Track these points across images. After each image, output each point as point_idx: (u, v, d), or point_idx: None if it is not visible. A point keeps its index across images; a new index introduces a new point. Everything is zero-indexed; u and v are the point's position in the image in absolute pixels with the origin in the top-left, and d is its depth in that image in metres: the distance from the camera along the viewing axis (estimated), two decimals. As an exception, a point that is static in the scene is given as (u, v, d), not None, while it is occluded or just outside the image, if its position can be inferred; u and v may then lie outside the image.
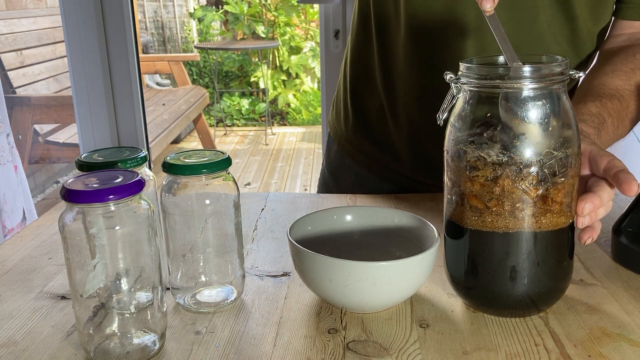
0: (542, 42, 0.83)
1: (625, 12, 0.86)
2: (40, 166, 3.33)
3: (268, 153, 4.65)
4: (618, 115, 0.77)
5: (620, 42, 0.88)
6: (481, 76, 0.55)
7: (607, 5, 0.85)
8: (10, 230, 1.71)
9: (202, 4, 6.02)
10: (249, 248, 0.78)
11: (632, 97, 0.80)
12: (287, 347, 0.56)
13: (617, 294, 0.64)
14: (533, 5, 0.82)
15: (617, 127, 0.77)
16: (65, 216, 0.51)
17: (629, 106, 0.79)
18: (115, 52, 1.98)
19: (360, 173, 1.03)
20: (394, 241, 0.68)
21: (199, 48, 5.47)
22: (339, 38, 2.13)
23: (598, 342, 0.56)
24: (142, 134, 2.07)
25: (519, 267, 0.57)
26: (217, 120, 5.31)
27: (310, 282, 0.61)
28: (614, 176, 0.59)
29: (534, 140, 0.54)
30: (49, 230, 0.85)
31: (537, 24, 0.83)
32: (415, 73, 0.89)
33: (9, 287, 0.69)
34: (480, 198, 0.56)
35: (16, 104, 2.97)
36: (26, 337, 0.59)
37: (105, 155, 0.64)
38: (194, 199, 0.62)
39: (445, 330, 0.58)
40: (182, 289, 0.64)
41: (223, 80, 5.70)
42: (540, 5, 0.82)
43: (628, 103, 0.79)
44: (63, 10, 1.93)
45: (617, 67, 0.82)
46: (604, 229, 0.79)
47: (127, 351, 0.54)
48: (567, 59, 0.57)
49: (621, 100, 0.78)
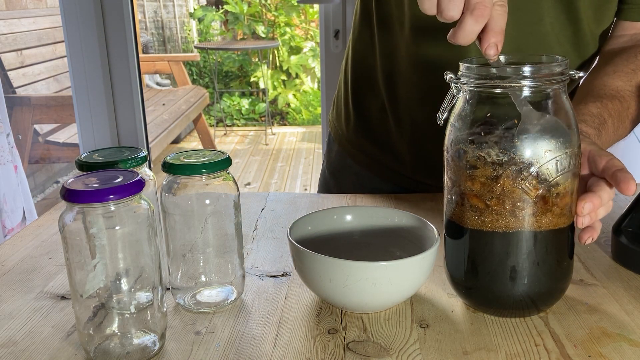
0: (546, 44, 0.83)
1: (627, 13, 0.86)
2: (40, 166, 3.33)
3: (268, 153, 4.65)
4: (619, 116, 0.77)
5: (621, 42, 0.88)
6: (481, 76, 0.55)
7: (611, 7, 0.85)
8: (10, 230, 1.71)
9: (202, 4, 6.02)
10: (249, 248, 0.78)
11: (633, 98, 0.80)
12: (287, 347, 0.56)
13: (617, 294, 0.64)
14: (537, 7, 0.82)
15: (617, 127, 0.77)
16: (65, 216, 0.51)
17: (630, 107, 0.79)
18: (115, 52, 1.98)
19: (361, 173, 1.03)
20: (394, 241, 0.68)
21: (199, 48, 5.47)
22: (339, 38, 2.13)
23: (598, 342, 0.56)
24: (142, 134, 2.07)
25: (519, 267, 0.57)
26: (217, 120, 5.31)
27: (310, 282, 0.61)
28: (613, 175, 0.59)
29: (534, 140, 0.54)
30: (49, 230, 0.85)
31: (541, 26, 0.83)
32: (418, 73, 0.89)
33: (9, 287, 0.69)
34: (480, 197, 0.56)
35: (16, 104, 2.97)
36: (26, 337, 0.59)
37: (105, 155, 0.64)
38: (194, 199, 0.62)
39: (445, 330, 0.58)
40: (182, 289, 0.64)
41: (223, 80, 5.70)
42: (544, 7, 0.82)
43: (629, 104, 0.79)
44: (63, 10, 1.93)
45: (618, 68, 0.82)
46: (604, 229, 0.79)
47: (127, 351, 0.54)
48: (567, 58, 0.57)
49: (622, 101, 0.78)
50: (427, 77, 0.88)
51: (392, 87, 0.93)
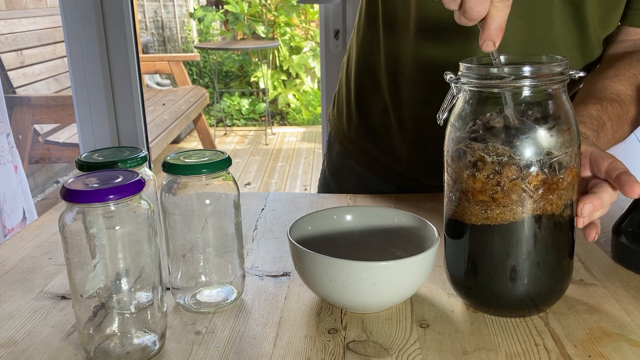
0: (555, 49, 0.84)
1: (632, 19, 0.86)
2: (40, 166, 3.33)
3: (268, 153, 4.65)
4: (618, 120, 0.78)
5: (625, 47, 0.88)
6: (481, 76, 0.55)
7: (617, 14, 0.86)
8: (10, 230, 1.71)
9: (202, 4, 6.02)
10: (249, 248, 0.78)
11: (633, 102, 0.80)
12: (287, 347, 0.56)
13: (617, 294, 0.64)
14: (548, 12, 0.82)
15: (616, 131, 0.78)
16: (65, 216, 0.51)
17: (630, 111, 0.79)
18: (115, 52, 1.98)
19: (362, 174, 1.03)
20: (394, 241, 0.68)
21: (199, 48, 5.47)
22: (339, 38, 2.13)
23: (598, 342, 0.56)
24: (142, 134, 2.07)
25: (519, 267, 0.57)
26: (217, 120, 5.31)
27: (310, 282, 0.61)
28: (616, 178, 0.59)
29: (534, 139, 0.54)
30: (49, 230, 0.85)
31: (551, 30, 0.83)
32: (421, 74, 0.89)
33: (9, 287, 0.69)
34: (480, 196, 0.56)
35: (16, 104, 2.97)
36: (26, 337, 0.59)
37: (105, 155, 0.64)
38: (194, 198, 0.62)
39: (445, 330, 0.58)
40: (182, 289, 0.64)
41: (223, 80, 5.70)
42: (555, 13, 0.82)
43: (629, 108, 0.79)
44: (63, 10, 1.93)
45: (620, 72, 0.83)
46: (604, 229, 0.79)
47: (127, 351, 0.54)
48: (567, 59, 0.57)
49: (622, 105, 0.79)
50: (431, 78, 0.88)
51: (395, 87, 0.93)
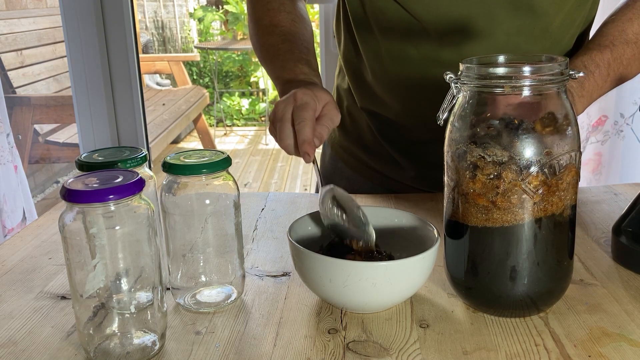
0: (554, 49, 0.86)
1: None
2: (40, 166, 3.33)
3: (268, 153, 4.64)
4: (608, 65, 0.80)
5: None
6: (481, 76, 0.55)
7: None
8: (10, 230, 1.70)
9: (202, 4, 6.02)
10: (249, 248, 0.78)
11: (627, 44, 0.82)
12: (287, 347, 0.56)
13: (617, 294, 0.64)
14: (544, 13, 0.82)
15: (607, 74, 0.80)
16: (65, 216, 0.51)
17: (625, 52, 0.82)
18: (115, 52, 1.97)
19: (352, 177, 1.03)
20: (394, 241, 0.68)
21: (199, 48, 5.47)
22: (339, 38, 2.12)
23: (598, 342, 0.56)
24: (142, 134, 2.07)
25: (519, 267, 0.57)
26: (217, 120, 5.31)
27: (310, 282, 0.61)
28: None
29: (534, 139, 0.54)
30: (49, 230, 0.85)
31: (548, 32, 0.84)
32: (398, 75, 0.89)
33: (9, 287, 0.69)
34: (481, 197, 0.56)
35: (16, 104, 2.97)
36: (26, 337, 0.59)
37: (105, 155, 0.64)
38: (194, 199, 0.62)
39: (445, 330, 0.58)
40: (182, 289, 0.64)
41: (223, 80, 5.69)
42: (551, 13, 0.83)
43: (622, 51, 0.81)
44: (63, 10, 1.92)
45: (617, 17, 0.84)
46: (604, 229, 0.79)
47: (127, 351, 0.54)
48: (567, 59, 0.57)
49: (612, 49, 0.81)
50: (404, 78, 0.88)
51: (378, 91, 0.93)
